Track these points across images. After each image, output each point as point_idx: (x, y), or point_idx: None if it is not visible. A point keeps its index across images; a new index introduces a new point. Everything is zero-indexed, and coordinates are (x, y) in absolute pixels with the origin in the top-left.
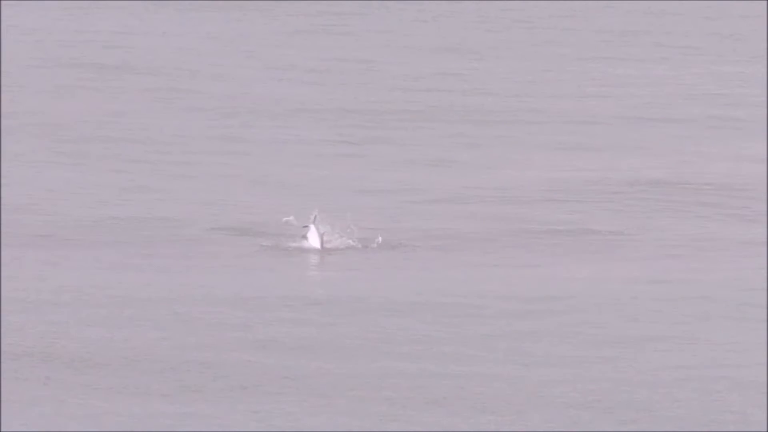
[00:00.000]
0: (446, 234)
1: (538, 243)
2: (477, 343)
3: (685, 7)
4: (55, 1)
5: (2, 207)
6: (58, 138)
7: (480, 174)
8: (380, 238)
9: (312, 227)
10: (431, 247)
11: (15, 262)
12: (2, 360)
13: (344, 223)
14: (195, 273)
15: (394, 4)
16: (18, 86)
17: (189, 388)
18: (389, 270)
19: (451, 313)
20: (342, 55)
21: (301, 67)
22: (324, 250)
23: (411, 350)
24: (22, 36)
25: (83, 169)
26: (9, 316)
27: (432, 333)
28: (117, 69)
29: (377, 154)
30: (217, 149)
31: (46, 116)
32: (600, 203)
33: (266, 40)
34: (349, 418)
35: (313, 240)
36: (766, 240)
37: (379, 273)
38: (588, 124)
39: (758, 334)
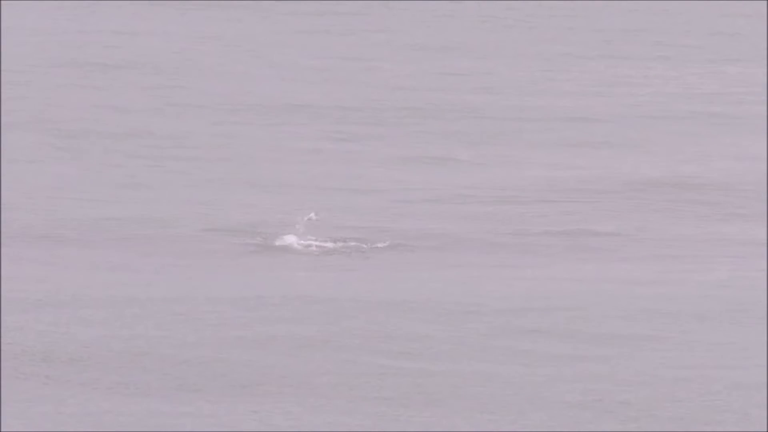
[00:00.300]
0: (445, 234)
1: (536, 243)
2: (476, 342)
3: (686, 7)
4: (56, 1)
5: (2, 207)
6: (58, 137)
7: (479, 173)
8: (383, 243)
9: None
10: (430, 247)
11: (15, 262)
12: (2, 359)
13: (335, 222)
14: (194, 272)
15: (394, 4)
16: (18, 85)
17: (189, 388)
18: (388, 270)
19: (450, 312)
20: (342, 55)
21: (301, 66)
22: (316, 249)
23: (410, 350)
24: (22, 35)
25: (83, 168)
26: (9, 316)
27: (431, 333)
28: (117, 68)
29: (376, 153)
30: (217, 147)
31: (46, 115)
32: (599, 203)
33: (266, 40)
34: (349, 418)
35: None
36: (766, 240)
37: (378, 273)
38: (588, 123)
39: (758, 334)
